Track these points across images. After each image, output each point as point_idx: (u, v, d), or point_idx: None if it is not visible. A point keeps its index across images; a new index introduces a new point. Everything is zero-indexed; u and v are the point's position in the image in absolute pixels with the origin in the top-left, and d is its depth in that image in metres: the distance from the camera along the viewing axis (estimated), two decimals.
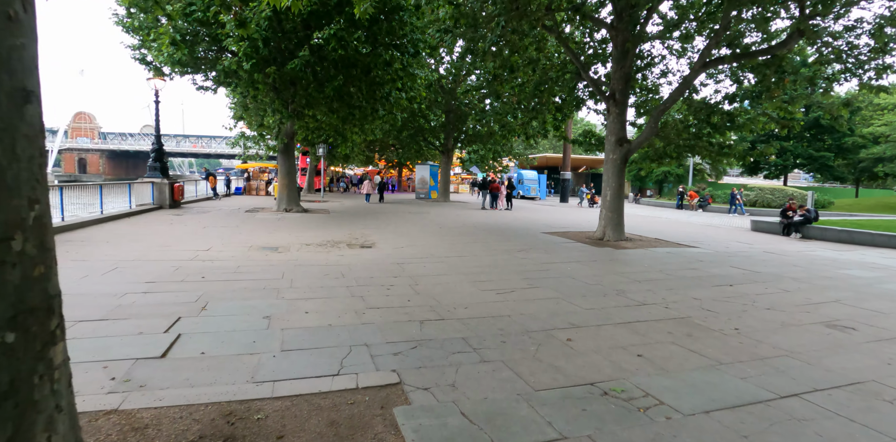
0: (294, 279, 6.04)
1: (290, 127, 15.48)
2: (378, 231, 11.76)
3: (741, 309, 5.20)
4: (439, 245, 9.68)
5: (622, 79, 10.77)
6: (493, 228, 13.10)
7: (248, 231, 10.90)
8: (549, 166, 45.17)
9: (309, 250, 8.59)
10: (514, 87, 12.91)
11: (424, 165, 28.67)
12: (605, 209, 11.24)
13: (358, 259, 7.79)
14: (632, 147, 10.96)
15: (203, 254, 7.73)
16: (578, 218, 18.14)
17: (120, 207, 13.32)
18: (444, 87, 23.25)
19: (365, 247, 9.31)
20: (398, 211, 18.22)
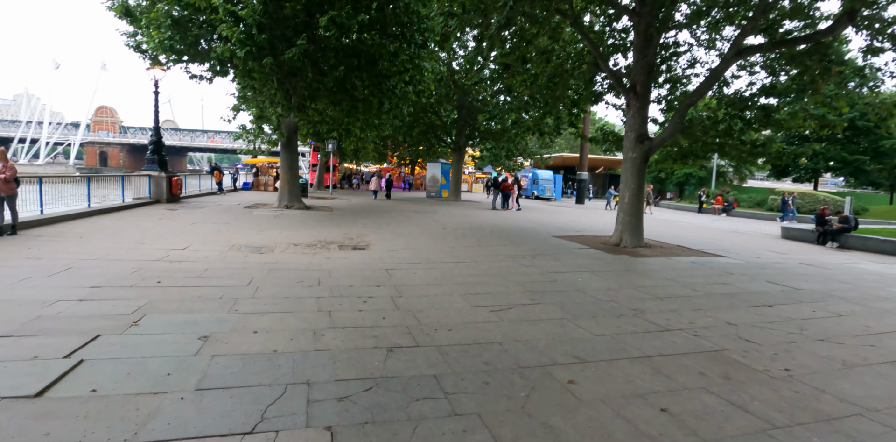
0: (261, 287, 5.28)
1: (291, 120, 14.82)
2: (376, 231, 10.99)
3: (787, 339, 4.26)
4: (438, 248, 8.85)
5: (644, 69, 9.79)
6: (501, 230, 12.22)
7: (238, 228, 10.23)
8: (565, 166, 43.98)
9: (294, 251, 7.85)
10: (526, 79, 11.99)
11: (436, 163, 27.85)
12: (622, 212, 10.28)
13: (344, 263, 7.02)
14: (653, 144, 9.97)
15: (175, 254, 7.04)
16: (594, 221, 17.13)
17: (112, 201, 12.79)
18: (457, 82, 22.38)
19: (357, 248, 8.54)
20: (404, 209, 17.45)
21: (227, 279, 5.59)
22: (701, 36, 10.72)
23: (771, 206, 27.37)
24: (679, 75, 11.10)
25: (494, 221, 14.94)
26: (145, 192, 14.61)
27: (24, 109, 79.97)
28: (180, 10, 10.52)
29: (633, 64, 10.03)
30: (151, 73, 14.40)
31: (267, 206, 15.94)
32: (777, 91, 9.28)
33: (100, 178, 13.06)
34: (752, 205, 29.42)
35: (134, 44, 12.01)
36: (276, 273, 6.06)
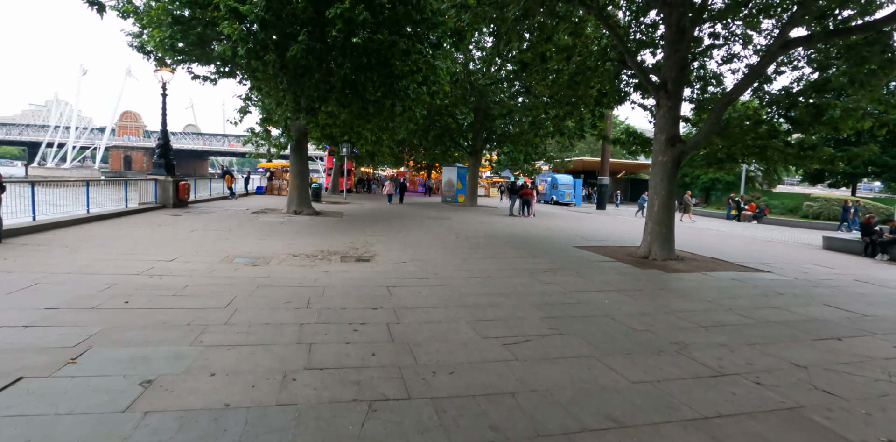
0: (240, 309, 4.62)
1: (300, 123, 14.31)
2: (385, 239, 10.31)
3: (876, 390, 3.39)
4: (449, 260, 8.11)
5: (676, 65, 8.92)
6: (518, 240, 11.42)
7: (239, 236, 9.67)
8: (585, 171, 42.85)
9: (291, 264, 7.21)
10: (546, 78, 11.22)
11: (451, 167, 27.17)
12: (650, 221, 9.39)
13: (342, 278, 6.33)
14: (686, 147, 9.08)
15: (160, 266, 6.46)
16: (618, 229, 16.17)
17: (115, 206, 12.41)
18: (473, 83, 21.69)
19: (361, 260, 7.87)
20: (417, 215, 16.77)
21: (206, 299, 4.94)
22: (739, 28, 9.78)
23: (806, 212, 25.88)
24: (714, 72, 10.17)
25: (511, 228, 14.14)
26: (151, 197, 14.25)
27: (54, 115, 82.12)
28: (181, 7, 10.08)
29: (664, 59, 9.16)
30: (159, 75, 14.08)
31: (276, 211, 15.44)
32: (831, 87, 8.30)
33: (108, 183, 12.71)
34: (785, 211, 27.91)
35: (138, 44, 11.65)
36: (262, 291, 5.40)
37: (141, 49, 11.80)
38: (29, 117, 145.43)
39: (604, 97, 11.79)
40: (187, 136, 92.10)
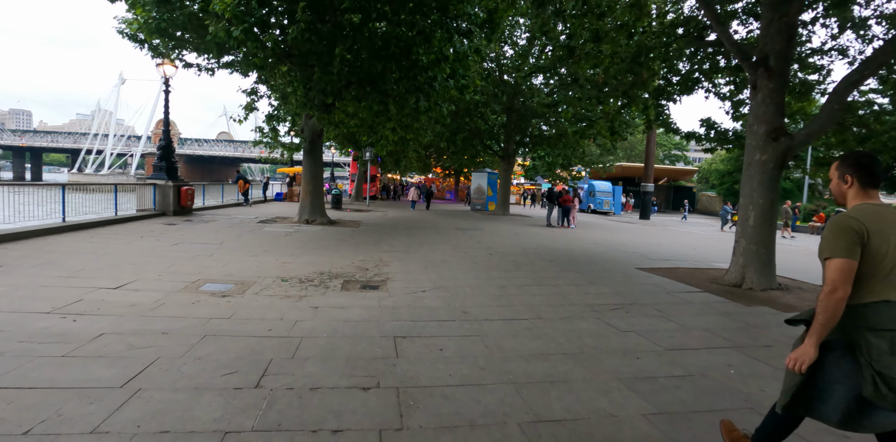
0: (144, 390, 2.83)
1: (313, 123, 12.73)
2: (403, 256, 8.49)
3: None
4: (482, 288, 6.19)
5: (781, 34, 6.81)
6: (565, 257, 9.39)
7: (227, 252, 8.02)
8: (623, 177, 40.18)
9: (274, 293, 5.44)
10: (597, 63, 9.22)
11: (482, 173, 25.29)
12: (743, 239, 7.22)
13: (333, 320, 4.50)
14: (794, 142, 6.91)
15: (93, 298, 4.79)
16: (676, 244, 13.88)
17: (103, 214, 11.05)
18: (506, 81, 19.81)
19: (369, 287, 6.04)
20: (443, 226, 14.91)
21: (107, 364, 3.18)
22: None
23: None
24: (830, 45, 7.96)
25: (552, 242, 12.09)
26: (151, 204, 12.90)
27: (95, 123, 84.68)
28: None
29: (763, 28, 7.05)
30: (161, 70, 12.78)
31: (287, 220, 13.88)
32: None
33: (89, 189, 11.40)
34: None
35: (129, 32, 10.30)
36: (205, 347, 3.61)
37: (133, 37, 10.45)
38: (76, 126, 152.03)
39: (668, 85, 9.72)
40: (219, 144, 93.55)
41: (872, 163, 1.92)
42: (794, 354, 1.87)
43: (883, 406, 1.69)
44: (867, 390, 1.70)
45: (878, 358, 1.71)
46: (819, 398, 1.85)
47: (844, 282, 1.77)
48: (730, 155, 39.74)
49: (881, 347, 1.72)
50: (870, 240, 1.77)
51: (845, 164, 1.97)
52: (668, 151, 62.79)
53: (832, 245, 1.81)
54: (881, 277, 1.77)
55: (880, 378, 1.68)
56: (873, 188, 1.92)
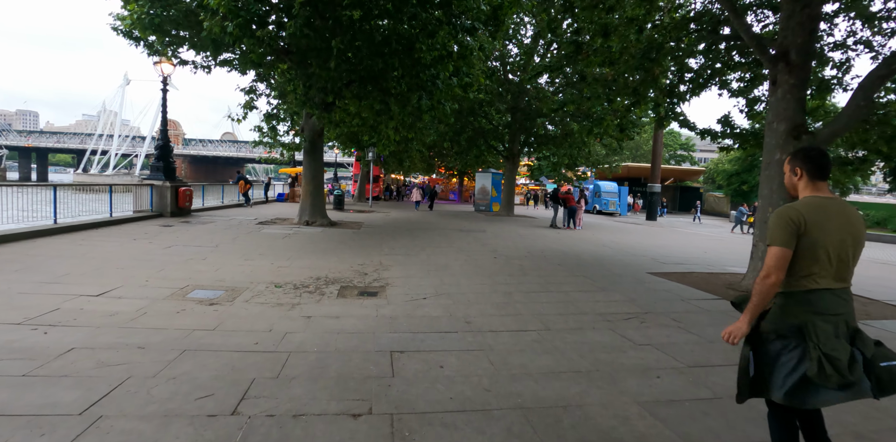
0: (105, 418, 2.51)
1: (313, 121, 12.43)
2: (404, 260, 8.16)
3: None
4: (486, 295, 5.85)
5: (802, 27, 6.44)
6: (573, 260, 9.04)
7: (221, 256, 7.72)
8: (629, 178, 39.71)
9: (266, 300, 5.13)
10: (606, 60, 8.87)
11: (486, 173, 24.94)
12: (762, 243, 6.85)
13: (326, 331, 4.19)
14: (817, 141, 6.52)
15: (72, 306, 4.50)
16: (686, 246, 13.49)
17: (97, 216, 10.79)
18: (510, 80, 19.45)
19: (367, 293, 5.73)
20: (447, 227, 14.58)
21: (70, 385, 2.87)
22: None
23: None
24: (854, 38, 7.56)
25: (559, 244, 11.73)
26: (148, 205, 12.63)
27: (100, 124, 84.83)
28: None
29: (783, 21, 6.68)
30: (159, 68, 12.52)
31: (287, 221, 13.59)
32: None
33: (78, 189, 11.14)
34: (871, 224, 24.22)
35: (125, 30, 10.03)
36: (184, 364, 3.29)
37: (128, 35, 10.17)
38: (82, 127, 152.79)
39: (680, 82, 9.35)
40: (223, 144, 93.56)
41: (821, 156, 2.01)
42: (729, 329, 1.97)
43: (827, 386, 1.79)
44: (812, 371, 1.79)
45: (826, 341, 1.81)
46: (775, 382, 1.94)
47: (778, 268, 1.87)
48: (737, 155, 39.24)
49: (827, 331, 1.84)
50: (808, 231, 1.86)
51: (796, 158, 2.05)
52: (673, 152, 62.18)
53: (772, 234, 1.92)
54: (823, 266, 1.87)
55: (826, 359, 1.77)
56: (821, 180, 2.00)
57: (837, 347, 1.80)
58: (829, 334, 1.83)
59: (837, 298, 1.89)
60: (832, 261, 1.88)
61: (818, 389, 1.83)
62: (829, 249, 1.87)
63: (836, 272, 1.90)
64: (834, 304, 1.88)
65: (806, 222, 1.87)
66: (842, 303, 1.90)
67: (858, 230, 1.94)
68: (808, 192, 2.01)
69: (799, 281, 1.91)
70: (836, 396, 1.82)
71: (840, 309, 1.89)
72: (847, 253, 1.91)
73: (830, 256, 1.88)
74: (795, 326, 1.91)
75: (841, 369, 1.76)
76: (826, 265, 1.88)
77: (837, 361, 1.76)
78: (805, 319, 1.89)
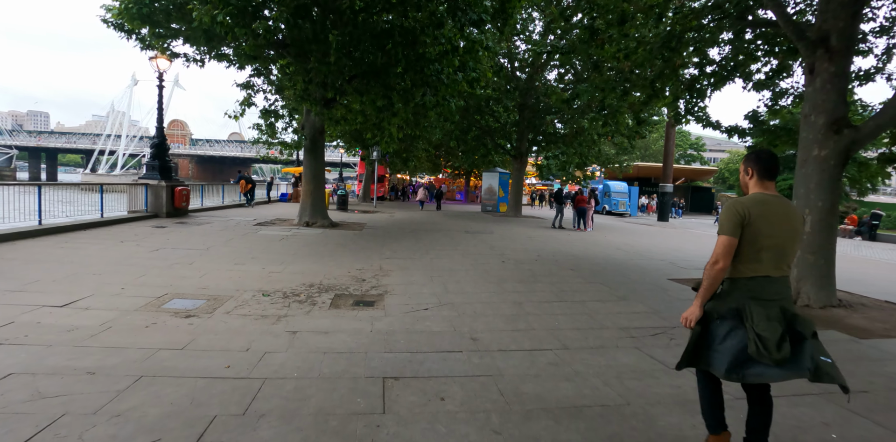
0: None
1: (313, 118, 11.94)
2: (407, 264, 7.63)
3: None
4: (494, 305, 5.30)
5: (845, 8, 5.83)
6: (586, 266, 8.45)
7: (210, 259, 7.23)
8: (639, 178, 38.93)
9: (249, 312, 4.62)
10: (623, 48, 8.29)
11: (493, 173, 24.35)
12: (799, 249, 6.23)
13: (312, 349, 3.66)
14: (860, 135, 5.91)
15: (27, 319, 4.01)
16: (703, 248, 12.84)
17: (86, 217, 10.35)
18: (517, 76, 18.86)
19: (362, 303, 5.20)
20: (452, 228, 14.03)
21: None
22: None
23: None
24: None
25: (570, 247, 11.14)
26: (143, 205, 12.20)
27: (109, 124, 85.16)
28: None
29: (823, 2, 6.07)
30: (154, 64, 12.09)
31: (286, 222, 13.12)
32: None
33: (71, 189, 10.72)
34: (893, 226, 23.33)
35: (115, 21, 9.58)
36: (137, 394, 2.77)
37: (119, 27, 9.73)
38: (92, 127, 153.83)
39: (701, 76, 8.73)
40: (230, 144, 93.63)
41: (770, 158, 2.21)
42: (685, 314, 2.21)
43: (762, 362, 1.96)
44: (751, 349, 1.97)
45: (759, 322, 1.99)
46: (713, 355, 2.13)
47: (725, 255, 2.08)
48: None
49: (761, 314, 2.02)
50: (752, 223, 2.05)
51: (748, 160, 2.26)
52: (683, 151, 61.26)
53: (721, 225, 2.12)
54: (762, 255, 2.06)
55: (759, 339, 1.96)
56: (769, 180, 2.20)
57: (768, 328, 1.97)
58: (763, 317, 2.00)
59: (775, 284, 2.08)
60: (771, 251, 2.06)
61: (757, 365, 2.00)
62: (770, 240, 2.06)
63: (775, 261, 2.08)
64: (771, 289, 2.07)
65: (750, 215, 2.05)
66: (778, 289, 2.09)
67: (796, 225, 2.12)
68: (757, 189, 2.20)
69: (742, 268, 2.10)
70: (774, 373, 1.99)
71: (776, 295, 2.08)
72: (785, 245, 2.09)
73: (770, 246, 2.06)
74: (734, 308, 2.09)
75: (770, 348, 1.93)
76: (766, 255, 2.06)
77: (767, 340, 1.94)
78: (743, 303, 2.07)
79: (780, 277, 2.10)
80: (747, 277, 2.09)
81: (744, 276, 2.09)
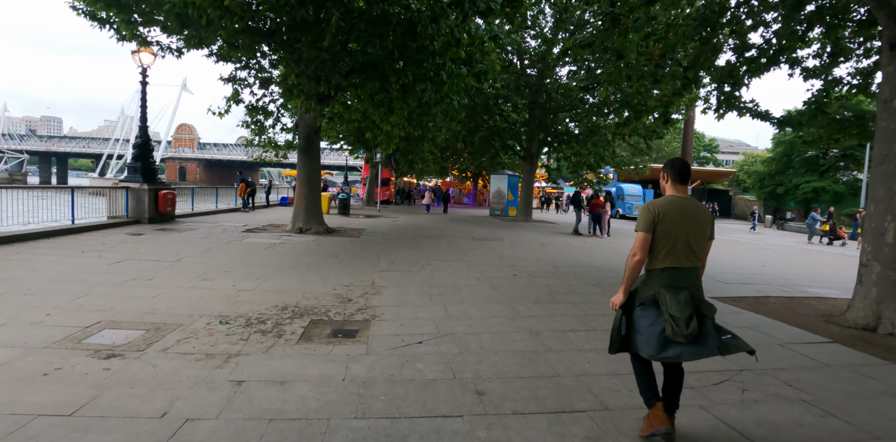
0: None
1: (308, 117, 10.98)
2: (403, 278, 6.59)
3: None
4: (505, 339, 4.23)
5: None
6: (610, 280, 7.35)
7: (174, 274, 6.24)
8: (653, 180, 37.57)
9: (193, 347, 3.61)
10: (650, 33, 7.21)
11: (501, 175, 23.27)
12: (877, 263, 5.09)
13: (254, 413, 2.62)
14: None
15: None
16: (735, 256, 11.64)
17: (53, 223, 9.45)
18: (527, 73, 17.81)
19: (342, 334, 4.17)
20: (458, 235, 12.98)
21: None
22: None
23: None
24: None
25: (589, 256, 10.03)
26: (123, 210, 11.29)
27: (118, 129, 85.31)
28: None
29: None
30: (137, 58, 11.22)
31: (279, 228, 12.15)
32: None
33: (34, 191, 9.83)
34: None
35: (85, 8, 8.70)
36: None
37: (91, 15, 8.84)
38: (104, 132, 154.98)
39: (740, 62, 7.61)
40: (238, 148, 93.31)
41: (682, 166, 2.59)
42: (612, 299, 2.61)
43: (678, 341, 2.29)
44: (668, 330, 2.31)
45: (671, 305, 2.35)
46: (639, 339, 2.47)
47: (641, 248, 2.47)
48: (771, 155, 36.80)
49: (673, 299, 2.37)
50: (663, 220, 2.45)
51: (665, 166, 2.64)
52: (696, 153, 59.68)
53: (639, 222, 2.54)
54: (670, 249, 2.44)
55: (672, 319, 2.31)
56: (681, 184, 2.58)
57: (679, 309, 2.32)
58: (675, 300, 2.36)
59: (684, 274, 2.45)
60: (681, 245, 2.44)
61: (675, 347, 2.32)
62: (679, 236, 2.44)
63: (684, 254, 2.45)
64: (681, 278, 2.44)
65: (662, 214, 2.45)
66: (687, 278, 2.45)
67: (703, 223, 2.50)
68: (671, 192, 2.59)
69: (656, 261, 2.48)
70: (689, 352, 2.31)
71: (686, 283, 2.44)
72: (692, 240, 2.46)
73: (679, 241, 2.44)
74: (652, 296, 2.45)
75: (681, 325, 2.28)
76: (676, 249, 2.44)
77: (678, 319, 2.29)
78: (658, 290, 2.43)
79: (690, 268, 2.45)
80: (661, 269, 2.45)
81: (657, 267, 2.46)
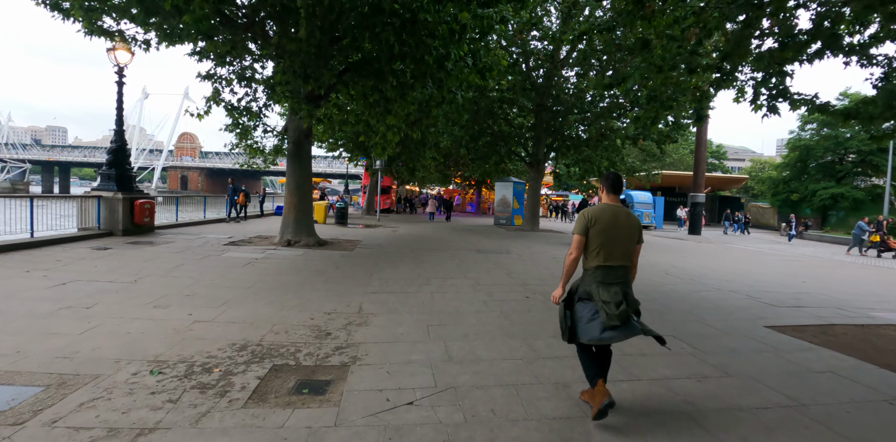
0: None
1: (298, 120, 10.03)
2: (397, 303, 5.56)
3: None
4: (526, 394, 3.19)
5: None
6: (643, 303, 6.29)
7: (121, 300, 5.23)
8: (663, 187, 36.46)
9: (93, 419, 2.56)
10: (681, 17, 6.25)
11: (506, 182, 22.28)
12: None
13: None
14: None
15: None
16: (768, 270, 10.54)
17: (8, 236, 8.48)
18: (533, 75, 16.87)
19: (309, 387, 3.15)
20: (462, 246, 11.94)
21: None
22: None
23: None
24: None
25: None
26: (95, 221, 10.32)
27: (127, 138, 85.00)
28: None
29: None
30: (112, 57, 10.35)
31: (266, 240, 11.15)
32: None
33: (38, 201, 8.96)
34: None
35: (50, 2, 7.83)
36: None
37: (55, 6, 7.96)
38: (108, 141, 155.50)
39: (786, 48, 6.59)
40: (240, 157, 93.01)
41: (615, 178, 3.05)
42: (553, 293, 3.05)
43: (612, 326, 2.76)
44: (602, 317, 2.80)
45: (603, 296, 2.82)
46: (581, 329, 2.91)
47: (577, 248, 2.92)
48: (785, 161, 35.65)
49: (605, 291, 2.84)
50: (595, 225, 2.88)
51: (601, 179, 3.11)
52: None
53: (575, 226, 2.96)
54: (600, 250, 2.87)
55: (604, 304, 2.80)
56: (614, 194, 3.04)
57: (609, 296, 2.81)
58: (606, 293, 2.83)
59: (614, 271, 2.88)
60: (609, 247, 2.86)
61: (608, 332, 2.78)
62: (608, 238, 2.87)
63: (614, 255, 2.87)
64: (611, 276, 2.87)
65: (595, 220, 2.89)
66: (617, 275, 2.88)
67: (631, 227, 2.93)
68: (605, 200, 3.04)
69: (590, 260, 2.93)
70: (618, 334, 2.78)
71: (616, 279, 2.87)
72: (621, 242, 2.89)
73: (609, 243, 2.87)
74: (588, 291, 2.92)
75: (612, 309, 2.76)
76: (605, 250, 2.86)
77: (609, 304, 2.78)
78: (593, 286, 2.89)
79: (619, 266, 2.89)
80: (594, 267, 2.90)
81: (591, 266, 2.92)
